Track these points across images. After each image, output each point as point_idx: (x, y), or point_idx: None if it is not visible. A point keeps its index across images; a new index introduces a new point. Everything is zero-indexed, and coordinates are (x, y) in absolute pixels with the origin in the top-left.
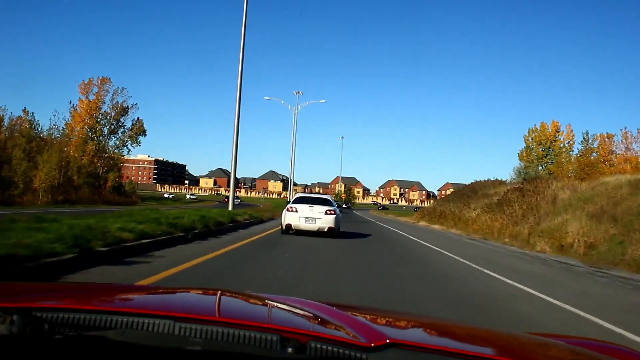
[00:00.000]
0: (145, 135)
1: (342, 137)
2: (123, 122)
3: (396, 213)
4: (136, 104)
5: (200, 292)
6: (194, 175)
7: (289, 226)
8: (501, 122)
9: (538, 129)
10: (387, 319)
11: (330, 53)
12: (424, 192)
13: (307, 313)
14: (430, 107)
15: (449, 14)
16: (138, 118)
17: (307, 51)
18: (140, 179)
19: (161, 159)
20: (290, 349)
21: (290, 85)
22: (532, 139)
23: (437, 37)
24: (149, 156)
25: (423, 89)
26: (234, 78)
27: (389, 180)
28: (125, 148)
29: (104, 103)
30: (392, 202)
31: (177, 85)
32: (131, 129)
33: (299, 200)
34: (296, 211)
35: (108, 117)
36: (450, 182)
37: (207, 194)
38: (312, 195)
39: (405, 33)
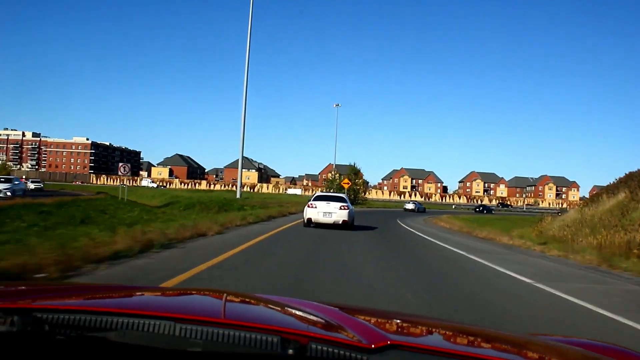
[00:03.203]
0: None
1: (337, 105)
2: None
3: (461, 220)
4: None
5: (201, 293)
6: (153, 164)
7: (309, 220)
8: (524, 104)
9: None
10: (388, 321)
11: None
12: (439, 184)
13: (308, 314)
14: (440, 87)
15: None
16: None
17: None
18: (72, 167)
19: (107, 143)
20: (290, 350)
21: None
22: None
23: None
24: (87, 139)
25: (431, 65)
26: (195, 55)
27: (396, 170)
28: None
29: None
30: (402, 196)
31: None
32: None
33: (318, 198)
34: (316, 207)
35: None
36: (476, 171)
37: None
38: (329, 193)
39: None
